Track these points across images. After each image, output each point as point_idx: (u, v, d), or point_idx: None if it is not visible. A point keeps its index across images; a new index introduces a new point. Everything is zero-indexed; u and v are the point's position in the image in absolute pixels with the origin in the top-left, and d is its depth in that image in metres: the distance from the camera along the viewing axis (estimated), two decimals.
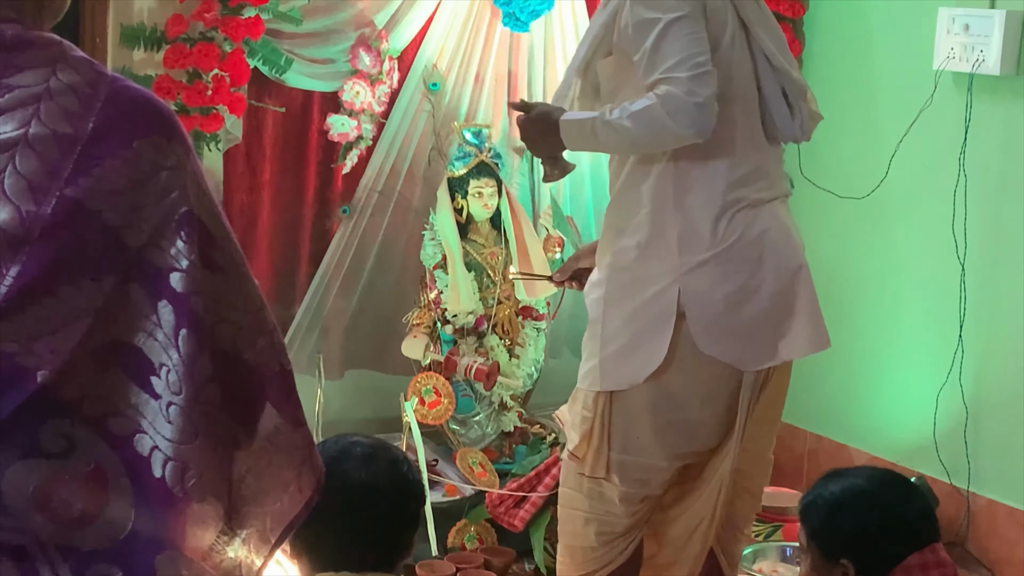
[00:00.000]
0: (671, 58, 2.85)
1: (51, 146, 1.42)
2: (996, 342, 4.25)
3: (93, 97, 1.45)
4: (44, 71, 1.45)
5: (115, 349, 1.45)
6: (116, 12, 4.04)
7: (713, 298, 2.99)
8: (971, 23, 4.16)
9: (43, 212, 1.40)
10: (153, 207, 1.45)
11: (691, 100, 2.81)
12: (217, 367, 1.48)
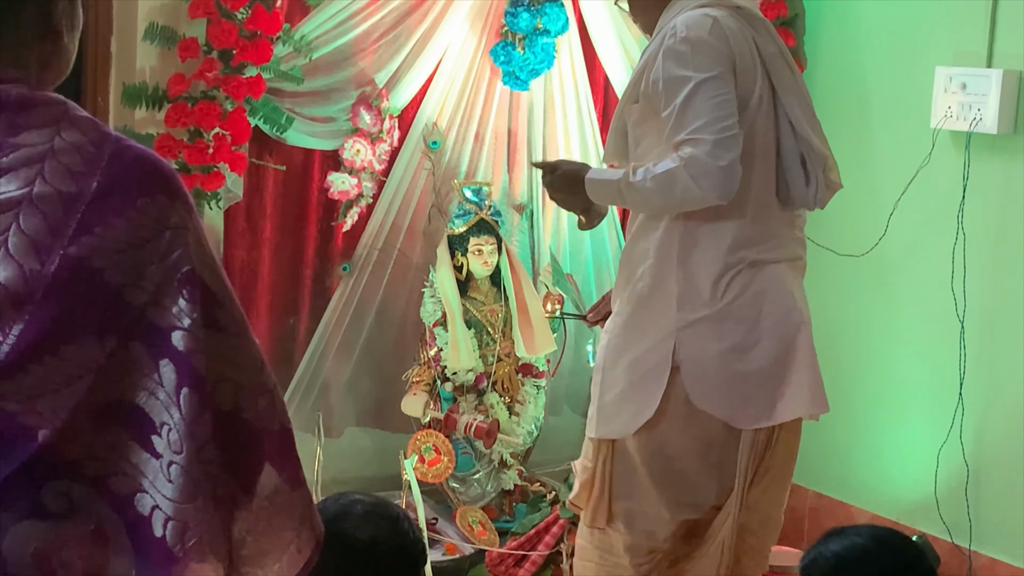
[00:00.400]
0: (699, 119, 2.87)
1: (55, 205, 1.42)
2: (996, 400, 4.25)
3: (97, 156, 1.45)
4: (49, 131, 1.45)
5: (116, 408, 1.45)
6: (118, 71, 4.06)
7: (708, 354, 3.01)
8: (968, 82, 4.19)
9: (46, 271, 1.41)
10: (156, 266, 1.45)
11: (716, 164, 2.83)
12: (217, 426, 1.48)
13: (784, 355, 3.05)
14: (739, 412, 3.03)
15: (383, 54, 4.33)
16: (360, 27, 4.26)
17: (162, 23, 4.02)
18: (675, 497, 3.09)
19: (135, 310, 1.45)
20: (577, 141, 4.63)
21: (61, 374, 1.42)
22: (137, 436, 1.46)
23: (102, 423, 1.45)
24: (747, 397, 3.03)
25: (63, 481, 1.44)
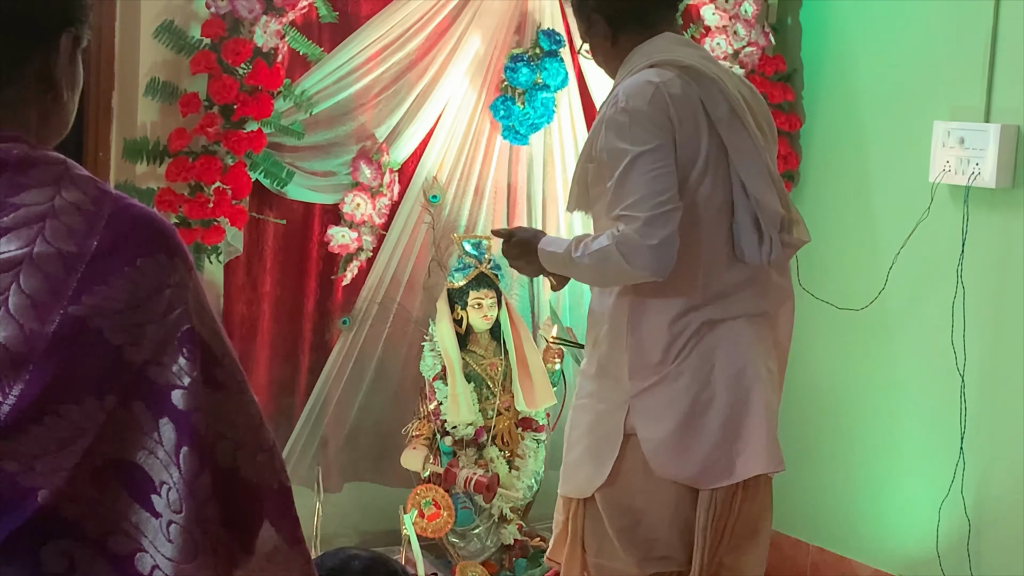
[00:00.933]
0: (633, 194, 2.89)
1: (56, 264, 1.42)
2: (998, 454, 4.24)
3: (97, 215, 1.46)
4: (49, 190, 1.46)
5: (116, 467, 1.45)
6: (119, 126, 4.08)
7: (664, 419, 3.03)
8: (966, 136, 4.20)
9: (47, 330, 1.41)
10: (156, 325, 1.46)
11: (645, 243, 2.86)
12: (216, 484, 1.48)
13: (740, 412, 3.04)
14: (700, 473, 3.04)
15: (383, 109, 4.35)
16: (360, 82, 4.28)
17: (163, 78, 4.04)
18: (642, 554, 3.11)
19: (135, 369, 1.45)
20: None
21: (62, 434, 1.42)
22: (137, 495, 1.46)
23: (102, 482, 1.45)
24: (706, 457, 3.03)
25: (64, 540, 1.43)
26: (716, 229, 3.02)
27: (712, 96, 3.00)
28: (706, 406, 3.04)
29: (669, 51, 3.06)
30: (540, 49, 4.48)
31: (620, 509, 3.10)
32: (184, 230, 4.00)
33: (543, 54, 4.47)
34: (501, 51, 4.48)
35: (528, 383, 4.32)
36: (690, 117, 2.97)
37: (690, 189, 2.97)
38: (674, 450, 3.04)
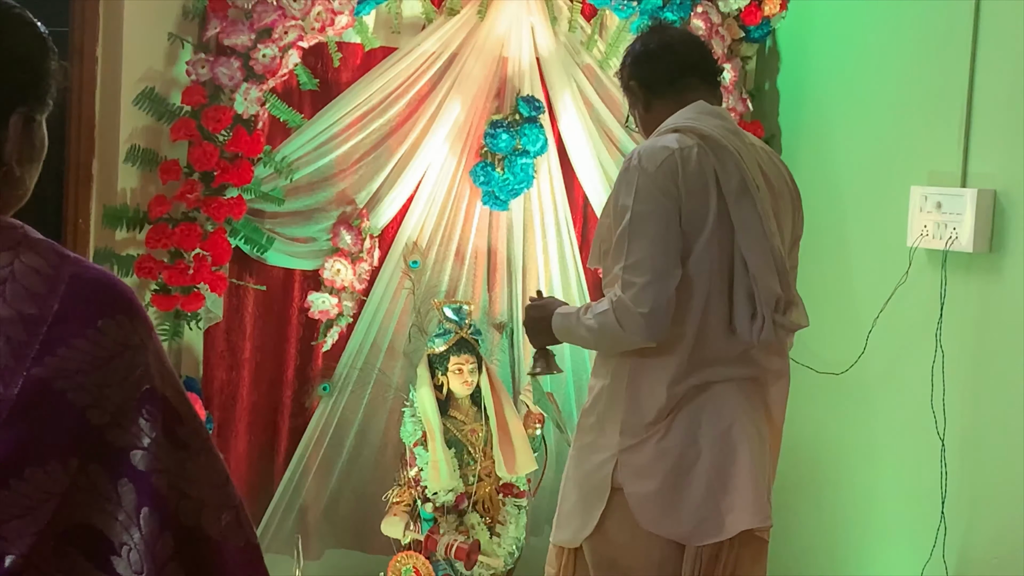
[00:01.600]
0: (633, 255, 2.96)
1: (17, 327, 1.44)
2: (979, 518, 4.23)
3: (57, 279, 1.47)
4: (8, 254, 1.47)
5: (76, 532, 1.45)
6: (99, 193, 4.08)
7: (650, 475, 3.05)
8: (943, 201, 4.22)
9: (9, 393, 1.42)
10: (117, 386, 1.47)
11: (638, 310, 2.93)
12: (180, 543, 1.48)
13: (727, 469, 3.06)
14: (691, 531, 3.05)
15: (364, 174, 4.37)
16: (341, 148, 4.31)
17: (144, 145, 4.06)
18: None
19: (95, 431, 1.46)
20: (556, 260, 4.66)
21: (27, 498, 1.42)
22: (95, 558, 1.46)
23: (62, 548, 1.45)
24: (695, 513, 3.05)
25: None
26: (717, 298, 3.05)
27: (727, 168, 3.03)
28: (692, 463, 3.06)
29: (694, 119, 3.11)
30: (520, 115, 4.51)
31: (606, 562, 3.12)
32: (164, 296, 4.01)
33: (523, 120, 4.50)
34: (481, 117, 4.51)
35: (509, 449, 4.31)
36: (700, 187, 3.01)
37: (694, 256, 3.00)
38: (661, 506, 3.05)
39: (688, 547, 3.07)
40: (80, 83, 4.09)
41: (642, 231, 2.98)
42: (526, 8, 4.48)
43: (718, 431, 3.07)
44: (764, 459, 3.15)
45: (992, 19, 4.23)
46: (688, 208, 3.00)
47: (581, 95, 4.61)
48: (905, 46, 4.47)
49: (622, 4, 4.53)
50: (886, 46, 4.54)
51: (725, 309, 3.07)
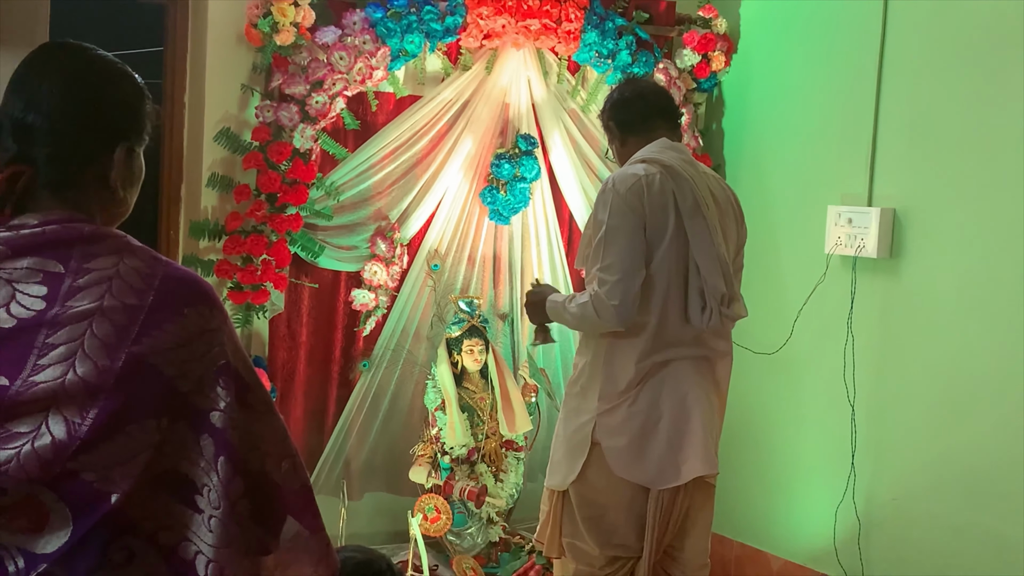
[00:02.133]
0: (608, 259, 2.99)
1: (121, 314, 1.44)
2: (881, 468, 4.23)
3: (151, 277, 1.47)
4: (114, 257, 1.47)
5: (166, 475, 1.46)
6: (186, 210, 4.09)
7: (622, 433, 3.07)
8: (853, 217, 4.22)
9: (115, 366, 1.42)
10: (198, 361, 1.47)
11: (610, 303, 2.96)
12: (248, 486, 1.49)
13: (682, 428, 3.08)
14: (654, 476, 3.08)
15: (395, 196, 4.36)
16: (377, 175, 4.30)
17: (221, 173, 4.06)
18: (602, 539, 3.14)
19: (182, 396, 1.46)
20: (547, 263, 4.65)
21: (128, 449, 1.42)
22: (182, 497, 1.47)
23: (156, 488, 1.45)
24: (657, 464, 3.08)
25: (126, 537, 1.44)
26: (675, 293, 3.06)
27: (683, 191, 3.05)
28: (655, 423, 3.08)
29: (659, 153, 3.12)
30: (519, 149, 4.50)
31: (587, 502, 3.13)
32: (237, 292, 4.00)
33: (521, 153, 4.50)
34: (488, 151, 4.49)
35: (510, 413, 4.31)
36: (661, 206, 3.02)
37: (656, 260, 3.02)
38: (631, 457, 3.08)
39: (652, 490, 3.09)
40: (171, 124, 4.09)
41: (614, 240, 2.99)
42: (524, 64, 4.48)
43: (676, 398, 3.08)
44: (712, 421, 3.16)
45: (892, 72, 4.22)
46: (651, 223, 3.01)
47: (567, 133, 4.60)
48: (822, 95, 4.47)
49: (599, 61, 4.52)
50: (807, 94, 4.54)
51: (681, 302, 3.07)
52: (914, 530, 4.12)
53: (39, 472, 1.39)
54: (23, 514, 1.41)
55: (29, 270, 1.45)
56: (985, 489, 3.93)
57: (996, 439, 3.89)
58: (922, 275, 4.12)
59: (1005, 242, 3.88)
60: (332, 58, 4.03)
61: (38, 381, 1.40)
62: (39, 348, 1.41)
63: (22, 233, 1.46)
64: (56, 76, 1.52)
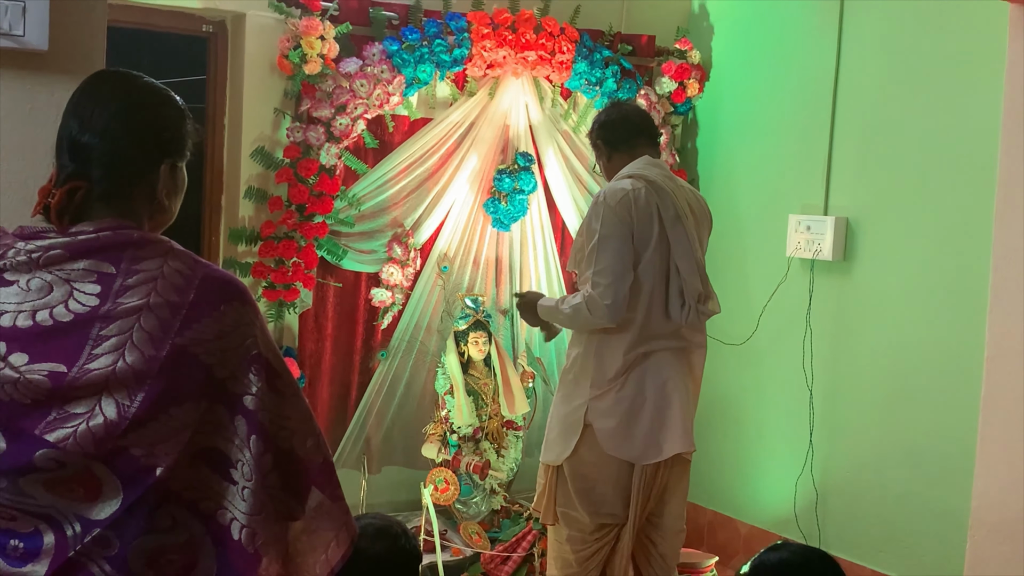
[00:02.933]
0: (600, 264, 2.99)
1: (165, 310, 1.44)
2: (836, 446, 4.23)
3: (192, 277, 1.47)
4: (159, 260, 1.47)
5: (205, 451, 1.46)
6: (226, 219, 4.10)
7: (612, 416, 3.07)
8: (811, 225, 4.23)
9: (160, 355, 1.42)
10: (233, 351, 1.47)
11: (603, 303, 2.96)
12: (277, 461, 1.48)
13: (663, 411, 3.09)
14: (639, 453, 3.08)
15: (410, 206, 4.35)
16: (394, 188, 4.30)
17: (257, 186, 4.06)
18: (592, 508, 3.13)
19: (219, 382, 1.46)
20: (543, 265, 4.65)
21: (171, 427, 1.43)
22: (219, 471, 1.47)
23: (196, 463, 1.46)
24: (642, 442, 3.08)
25: (170, 505, 1.44)
26: (658, 293, 3.06)
27: (665, 203, 3.06)
28: (640, 407, 3.07)
29: (643, 169, 3.12)
30: (517, 165, 4.49)
31: (579, 475, 3.12)
32: (271, 291, 4.00)
33: (520, 169, 4.49)
34: (491, 167, 4.49)
35: (510, 396, 4.30)
36: (647, 217, 3.02)
37: (643, 264, 3.03)
38: (618, 437, 3.07)
39: (636, 465, 3.09)
40: (213, 143, 4.09)
41: (606, 247, 2.98)
42: (522, 91, 4.47)
43: (657, 385, 3.08)
44: (689, 404, 3.16)
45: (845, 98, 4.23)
46: (638, 232, 3.01)
47: (560, 151, 4.60)
48: (783, 117, 4.47)
49: (588, 88, 4.52)
50: (770, 116, 4.54)
51: (663, 300, 3.07)
52: (864, 499, 4.12)
53: (93, 448, 1.39)
54: (79, 485, 1.41)
55: (85, 271, 1.45)
56: (927, 463, 3.93)
57: (936, 419, 3.89)
58: (871, 276, 4.12)
59: (943, 247, 3.89)
60: (354, 85, 4.03)
61: (92, 368, 1.40)
62: (93, 339, 1.41)
63: (79, 239, 1.46)
64: (108, 101, 1.52)
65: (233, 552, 1.46)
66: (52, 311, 1.42)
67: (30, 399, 1.39)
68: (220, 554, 1.46)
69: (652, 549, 3.21)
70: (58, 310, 1.42)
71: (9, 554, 1.42)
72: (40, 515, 1.42)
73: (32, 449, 1.38)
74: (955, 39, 3.86)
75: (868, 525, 4.10)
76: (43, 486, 1.40)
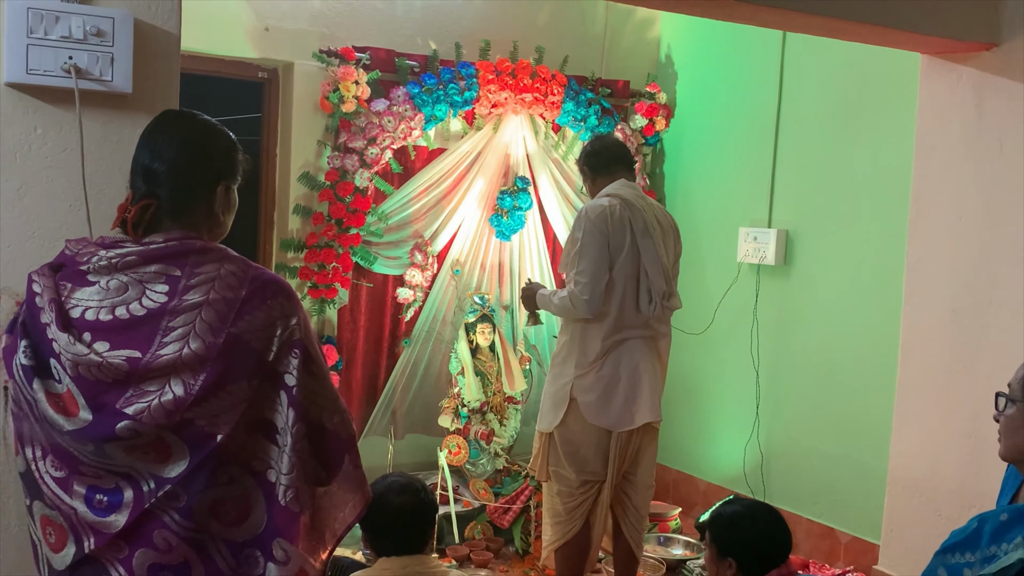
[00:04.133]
0: (580, 266, 2.99)
1: (222, 305, 1.44)
2: (777, 418, 4.23)
3: (244, 278, 1.47)
4: (217, 264, 1.47)
5: (257, 421, 1.46)
6: (278, 231, 4.09)
7: (593, 392, 3.06)
8: (758, 236, 4.22)
9: (218, 342, 1.42)
10: (278, 338, 1.46)
11: (583, 298, 2.97)
12: (309, 431, 1.48)
13: (635, 388, 3.08)
14: (615, 422, 3.07)
15: (428, 220, 4.34)
16: (415, 205, 4.28)
17: (303, 204, 4.05)
18: (577, 467, 3.13)
19: (267, 364, 1.46)
20: (537, 269, 4.63)
21: (228, 402, 1.43)
22: (268, 436, 1.47)
23: (249, 430, 1.45)
24: (617, 413, 3.07)
25: (228, 465, 1.44)
26: (629, 291, 3.06)
27: (636, 218, 3.06)
28: (615, 384, 3.07)
29: (619, 189, 3.12)
30: (516, 187, 4.48)
31: (566, 440, 3.12)
32: (314, 290, 4.00)
33: (518, 190, 4.48)
34: (495, 188, 4.48)
35: (511, 376, 4.30)
36: (621, 228, 3.02)
37: (617, 267, 3.02)
38: (598, 409, 3.06)
39: (613, 432, 3.08)
40: (266, 169, 4.09)
41: (586, 253, 2.98)
42: (520, 126, 4.46)
43: (631, 366, 3.07)
44: (657, 382, 3.15)
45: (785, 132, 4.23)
46: (613, 241, 3.00)
47: (552, 176, 4.59)
48: (735, 147, 4.47)
49: (575, 123, 4.51)
50: (724, 146, 4.54)
51: (634, 297, 3.07)
52: (800, 460, 4.12)
53: (164, 419, 1.39)
54: (153, 449, 1.41)
55: (155, 273, 1.45)
56: (852, 431, 3.93)
57: (860, 395, 3.89)
58: (807, 278, 4.12)
59: (866, 254, 3.89)
60: (383, 121, 4.03)
61: (163, 354, 1.40)
62: (163, 330, 1.41)
63: (151, 248, 1.46)
64: (174, 135, 1.53)
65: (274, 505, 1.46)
66: (128, 307, 1.42)
67: (111, 379, 1.39)
68: (268, 507, 1.46)
69: (627, 501, 3.20)
70: (133, 306, 1.42)
71: (95, 506, 1.42)
72: (120, 474, 1.42)
73: (114, 421, 1.38)
74: (876, 83, 3.86)
75: (804, 482, 4.10)
76: (123, 451, 1.40)
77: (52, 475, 1.43)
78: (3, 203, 1.85)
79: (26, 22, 1.81)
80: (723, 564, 2.34)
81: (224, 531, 1.43)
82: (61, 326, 1.41)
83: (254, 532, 1.44)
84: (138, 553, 1.41)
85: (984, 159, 3.27)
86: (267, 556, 1.45)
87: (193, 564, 1.42)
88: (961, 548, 1.61)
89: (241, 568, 1.44)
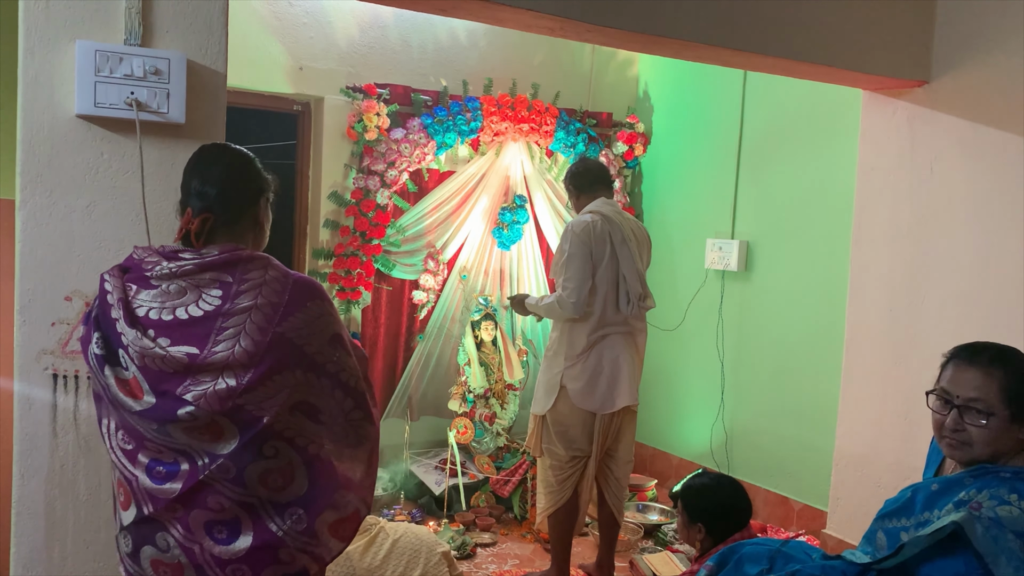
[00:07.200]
0: (568, 273, 2.98)
1: (269, 308, 1.44)
2: (740, 402, 4.23)
3: (286, 283, 1.48)
4: (262, 271, 1.48)
5: (300, 404, 1.46)
6: (310, 242, 4.07)
7: (579, 380, 3.05)
8: (722, 246, 4.22)
9: (265, 340, 1.42)
10: (318, 335, 1.47)
11: (569, 301, 2.96)
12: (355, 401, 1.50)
13: (615, 376, 3.07)
14: (599, 406, 3.07)
15: (440, 233, 4.33)
16: (428, 220, 4.27)
17: (332, 218, 4.04)
18: (567, 445, 3.12)
19: (309, 356, 1.46)
20: (533, 274, 4.62)
21: (273, 390, 1.43)
22: (311, 417, 1.47)
23: (293, 412, 1.46)
24: (601, 398, 3.06)
25: (274, 440, 1.45)
26: (610, 294, 3.05)
27: (615, 232, 3.05)
28: (599, 374, 3.06)
29: (600, 207, 3.12)
30: (515, 204, 4.48)
31: (557, 421, 3.11)
32: (342, 292, 4.00)
33: (516, 206, 4.48)
34: (497, 204, 4.47)
35: (510, 367, 4.30)
36: (602, 240, 3.02)
37: (599, 274, 3.02)
38: (584, 394, 3.05)
39: (597, 414, 3.07)
40: (301, 188, 4.09)
41: (572, 262, 2.98)
42: (519, 152, 4.46)
43: (612, 358, 3.07)
44: (635, 371, 3.15)
45: (746, 155, 4.23)
46: (596, 251, 3.00)
47: (545, 194, 4.59)
48: (702, 169, 4.47)
49: (565, 150, 4.52)
50: (693, 168, 4.54)
51: (614, 299, 3.07)
52: (759, 439, 4.12)
53: (218, 406, 1.40)
54: (208, 431, 1.42)
55: (211, 280, 1.46)
56: (804, 413, 3.93)
57: (811, 382, 3.89)
58: (765, 282, 4.12)
59: (815, 261, 3.89)
60: (400, 148, 4.03)
61: (217, 351, 1.41)
62: (217, 330, 1.42)
63: (206, 259, 1.47)
64: (217, 162, 1.55)
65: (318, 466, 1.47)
66: (187, 308, 1.43)
67: (172, 369, 1.40)
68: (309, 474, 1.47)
69: (610, 474, 3.20)
70: (191, 308, 1.43)
71: (154, 476, 1.44)
72: (179, 450, 1.43)
73: (176, 406, 1.39)
74: (824, 114, 3.87)
75: (763, 457, 4.11)
76: (182, 431, 1.41)
77: (122, 447, 1.46)
78: (75, 218, 1.88)
79: (94, 62, 1.84)
80: (693, 528, 2.36)
81: (271, 495, 1.45)
82: (129, 322, 1.42)
83: (297, 494, 1.46)
84: (194, 513, 1.42)
85: (917, 181, 3.29)
86: (311, 512, 1.46)
87: (243, 519, 1.44)
88: (897, 514, 1.62)
89: (286, 523, 1.46)
